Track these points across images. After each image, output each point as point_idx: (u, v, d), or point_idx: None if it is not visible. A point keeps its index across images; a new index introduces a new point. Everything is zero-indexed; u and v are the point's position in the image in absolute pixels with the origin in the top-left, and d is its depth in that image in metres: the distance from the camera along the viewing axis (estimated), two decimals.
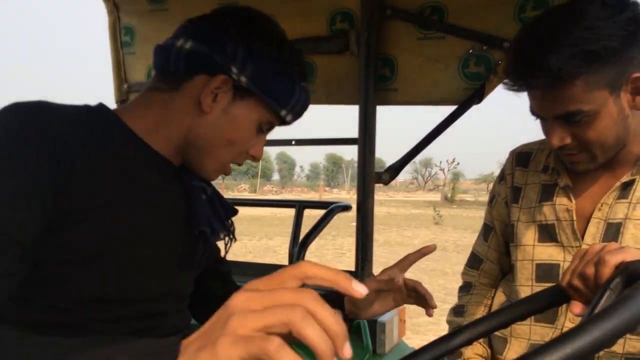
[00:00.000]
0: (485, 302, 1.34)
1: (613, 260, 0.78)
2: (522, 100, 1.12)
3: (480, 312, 1.30)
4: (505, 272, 1.32)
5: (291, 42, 0.94)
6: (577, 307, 0.82)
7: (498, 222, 1.29)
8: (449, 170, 46.79)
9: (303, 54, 0.97)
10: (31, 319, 0.78)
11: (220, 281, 1.14)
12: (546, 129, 1.06)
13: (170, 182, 0.92)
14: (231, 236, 1.03)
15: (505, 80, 1.04)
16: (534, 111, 1.05)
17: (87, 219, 0.77)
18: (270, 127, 0.96)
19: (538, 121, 1.08)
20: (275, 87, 0.90)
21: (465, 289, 1.38)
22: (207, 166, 0.93)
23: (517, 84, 1.02)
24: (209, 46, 0.87)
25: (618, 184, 1.08)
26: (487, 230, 1.34)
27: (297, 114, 0.95)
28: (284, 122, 0.96)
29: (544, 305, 0.87)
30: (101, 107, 0.89)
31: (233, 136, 0.91)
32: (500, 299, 1.28)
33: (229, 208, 1.03)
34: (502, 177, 1.29)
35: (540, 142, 1.25)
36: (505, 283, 1.29)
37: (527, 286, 1.17)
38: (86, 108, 0.87)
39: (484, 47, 1.68)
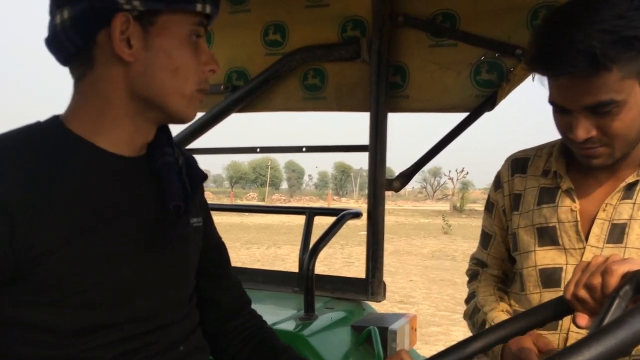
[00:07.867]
0: (494, 285, 1.29)
1: (620, 269, 0.80)
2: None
3: (491, 291, 1.26)
4: (510, 277, 1.30)
5: None
6: (582, 319, 0.82)
7: (499, 229, 1.27)
8: (457, 179, 46.63)
9: None
10: (18, 353, 0.75)
11: (225, 293, 1.06)
12: (567, 123, 1.01)
13: (132, 183, 0.84)
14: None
15: (530, 62, 1.00)
16: (558, 103, 1.00)
17: (48, 263, 0.73)
18: (202, 30, 0.84)
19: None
20: None
21: (471, 280, 1.35)
22: (174, 108, 0.83)
23: (548, 69, 0.97)
24: None
25: (623, 184, 1.06)
26: (486, 237, 1.31)
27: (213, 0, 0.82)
28: (207, 17, 0.83)
29: (549, 317, 0.88)
30: (50, 125, 0.81)
31: (172, 64, 0.80)
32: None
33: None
34: (499, 184, 1.26)
35: (537, 148, 1.24)
36: (513, 295, 1.26)
37: (536, 293, 1.15)
38: (28, 133, 0.79)
39: (496, 55, 1.68)
